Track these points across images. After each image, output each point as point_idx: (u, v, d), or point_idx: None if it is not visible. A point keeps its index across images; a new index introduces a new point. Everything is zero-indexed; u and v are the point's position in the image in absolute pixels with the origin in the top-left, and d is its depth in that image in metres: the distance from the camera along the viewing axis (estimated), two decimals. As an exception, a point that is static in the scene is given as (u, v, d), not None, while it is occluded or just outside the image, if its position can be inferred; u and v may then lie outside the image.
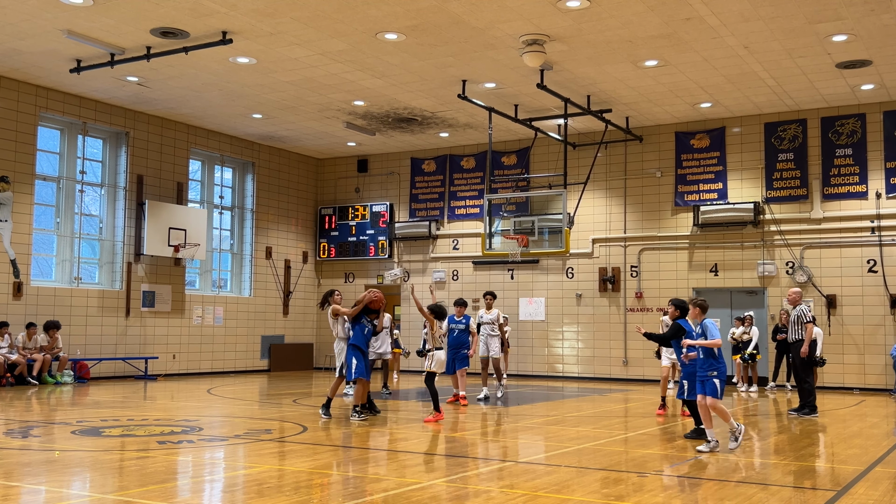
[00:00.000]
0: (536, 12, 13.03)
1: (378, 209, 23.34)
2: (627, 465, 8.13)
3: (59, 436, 9.70)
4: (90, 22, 13.76)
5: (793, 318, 12.73)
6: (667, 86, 16.88)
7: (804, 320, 12.54)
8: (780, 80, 16.44)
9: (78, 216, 18.58)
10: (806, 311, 12.64)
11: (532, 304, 21.18)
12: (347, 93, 17.59)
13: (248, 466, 7.89)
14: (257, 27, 13.86)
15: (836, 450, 9.60)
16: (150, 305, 19.58)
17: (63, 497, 6.42)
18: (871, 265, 17.86)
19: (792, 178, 18.69)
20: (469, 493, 6.66)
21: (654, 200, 20.11)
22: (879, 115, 17.94)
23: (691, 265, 19.59)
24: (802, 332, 12.55)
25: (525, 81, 16.48)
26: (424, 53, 15.05)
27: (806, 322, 12.52)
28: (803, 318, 12.55)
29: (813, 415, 12.43)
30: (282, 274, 23.22)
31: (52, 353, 17.07)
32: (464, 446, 9.43)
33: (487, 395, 14.32)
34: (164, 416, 11.75)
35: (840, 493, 6.81)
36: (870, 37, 13.98)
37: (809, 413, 12.43)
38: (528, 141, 21.03)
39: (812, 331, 12.54)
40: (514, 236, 17.87)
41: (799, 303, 12.82)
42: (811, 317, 12.66)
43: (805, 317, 12.55)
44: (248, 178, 22.71)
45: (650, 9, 12.86)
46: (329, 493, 6.62)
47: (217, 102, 18.60)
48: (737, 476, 7.57)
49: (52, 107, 17.78)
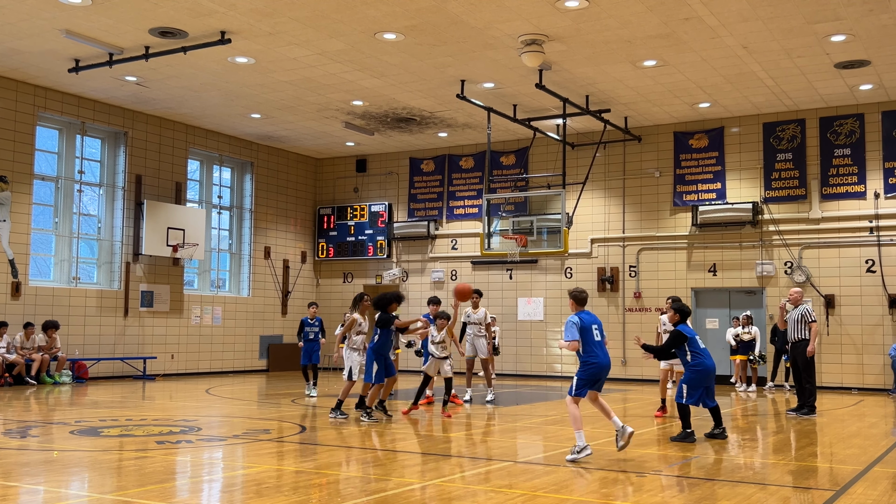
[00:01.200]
0: (535, 12, 13.03)
1: (377, 209, 23.34)
2: (626, 466, 8.12)
3: (58, 436, 9.69)
4: (89, 22, 13.75)
5: (795, 317, 12.70)
6: (665, 86, 16.88)
7: (808, 320, 12.57)
8: (779, 80, 16.45)
9: (76, 216, 18.56)
10: (810, 311, 12.69)
11: (531, 304, 21.18)
12: (346, 93, 17.58)
13: (247, 466, 7.88)
14: (256, 27, 13.86)
15: (834, 449, 9.60)
16: (149, 305, 19.57)
17: (61, 497, 6.41)
18: (869, 265, 17.87)
19: (790, 178, 18.70)
20: (468, 493, 6.66)
21: (652, 200, 20.11)
22: (878, 115, 17.95)
23: (690, 265, 19.59)
24: (804, 332, 12.56)
25: (524, 81, 16.48)
26: (423, 53, 15.05)
27: (810, 322, 12.55)
28: (807, 318, 12.58)
29: (811, 415, 12.43)
30: (280, 274, 23.22)
31: (51, 353, 17.06)
32: (462, 446, 9.42)
33: (471, 399, 14.00)
34: (162, 416, 11.74)
35: (839, 493, 6.81)
36: (868, 37, 13.99)
37: (808, 413, 12.43)
38: (526, 141, 21.03)
39: (816, 330, 12.59)
40: (512, 236, 17.87)
41: (801, 302, 12.85)
42: (814, 316, 12.71)
43: (809, 316, 12.59)
44: (247, 178, 22.70)
45: (649, 9, 12.86)
46: (328, 493, 6.61)
47: (216, 102, 18.59)
48: (735, 476, 7.57)
49: (50, 106, 17.77)
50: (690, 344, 9.80)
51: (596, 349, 8.51)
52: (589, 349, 8.42)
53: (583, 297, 8.78)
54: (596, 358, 8.47)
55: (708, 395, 9.77)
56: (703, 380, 9.73)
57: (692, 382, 9.73)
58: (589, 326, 8.55)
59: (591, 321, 8.60)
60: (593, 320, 8.64)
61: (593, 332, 8.55)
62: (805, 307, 12.73)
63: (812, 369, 12.67)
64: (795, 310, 12.76)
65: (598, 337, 8.57)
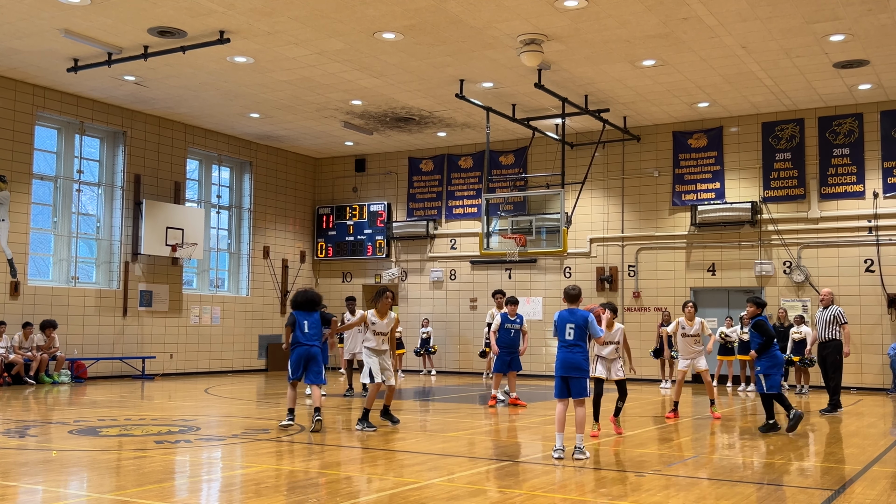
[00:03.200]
0: (534, 12, 13.03)
1: (376, 209, 23.33)
2: (626, 465, 8.13)
3: (57, 435, 9.68)
4: (88, 21, 13.74)
5: (827, 318, 13.01)
6: (664, 85, 16.89)
7: (840, 321, 12.89)
8: (778, 80, 16.45)
9: (75, 215, 18.55)
10: (842, 313, 13.00)
11: (530, 304, 21.17)
12: (345, 92, 17.58)
13: (246, 466, 7.88)
14: (255, 26, 13.85)
15: (833, 449, 9.61)
16: (148, 305, 19.56)
17: (60, 497, 6.41)
18: (868, 265, 17.88)
19: (789, 177, 18.71)
20: (467, 493, 6.66)
21: (651, 200, 20.11)
22: (877, 114, 17.96)
23: (689, 265, 19.60)
24: (835, 333, 12.91)
25: (523, 81, 16.48)
26: (422, 53, 15.04)
27: (843, 323, 12.89)
28: (840, 320, 12.90)
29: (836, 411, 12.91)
30: (279, 273, 23.21)
31: (49, 353, 17.05)
32: (462, 446, 9.42)
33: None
34: (161, 415, 11.74)
35: (837, 493, 6.81)
36: (867, 37, 14.00)
37: (832, 410, 12.87)
38: (525, 140, 21.03)
39: (848, 332, 12.96)
40: (511, 236, 17.87)
41: (831, 304, 13.13)
42: (846, 318, 13.03)
43: (841, 318, 12.91)
44: (246, 178, 22.69)
45: (648, 8, 12.86)
46: (327, 493, 6.61)
47: (214, 102, 18.58)
48: (735, 476, 7.57)
49: (49, 106, 17.75)
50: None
51: (559, 347, 8.46)
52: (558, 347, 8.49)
53: (571, 293, 8.66)
54: (558, 357, 8.48)
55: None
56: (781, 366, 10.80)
57: (768, 371, 10.61)
58: (563, 325, 8.46)
59: (567, 320, 8.47)
60: (570, 319, 8.46)
61: (566, 330, 8.43)
62: (837, 308, 13.05)
63: (840, 369, 13.00)
64: (826, 311, 13.07)
65: (572, 336, 8.39)
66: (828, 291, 13.31)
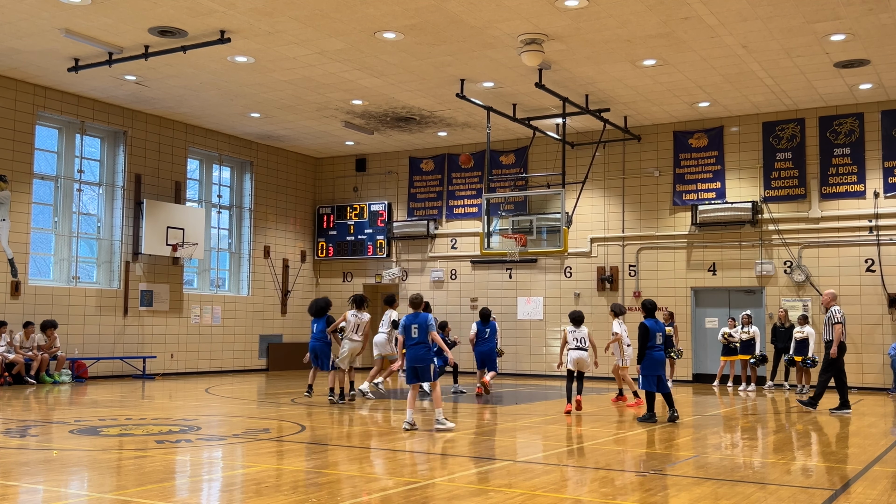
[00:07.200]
0: (535, 11, 13.03)
1: (376, 208, 23.34)
2: (626, 465, 8.13)
3: (57, 435, 9.69)
4: (88, 21, 13.75)
5: (825, 319, 13.15)
6: (665, 85, 16.88)
7: (833, 321, 12.91)
8: (779, 80, 16.45)
9: (76, 215, 18.56)
10: (834, 312, 13.01)
11: (530, 304, 21.18)
12: (346, 92, 17.58)
13: (247, 466, 7.88)
14: (255, 26, 13.85)
15: (834, 448, 9.61)
16: (148, 305, 19.56)
17: (61, 496, 6.41)
18: (868, 264, 17.88)
19: (790, 177, 18.70)
20: (468, 493, 6.66)
21: (652, 200, 20.11)
22: (877, 114, 17.95)
23: (689, 264, 19.59)
24: (830, 333, 12.96)
25: (523, 81, 16.48)
26: (423, 53, 15.04)
27: (834, 323, 12.90)
28: (833, 319, 12.92)
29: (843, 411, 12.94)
30: (280, 273, 23.22)
31: (50, 353, 17.06)
32: (462, 445, 9.42)
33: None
34: (162, 415, 11.74)
35: (838, 493, 6.81)
36: (868, 36, 13.99)
37: (840, 409, 12.92)
38: (526, 140, 21.03)
39: (839, 332, 12.90)
40: (512, 235, 17.86)
41: (832, 305, 13.15)
42: (840, 318, 13.00)
43: (834, 317, 12.93)
44: (247, 178, 22.70)
45: (648, 8, 12.86)
46: (328, 493, 6.61)
47: (215, 101, 18.58)
48: (735, 475, 7.57)
49: (49, 106, 17.76)
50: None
51: (406, 346, 10.43)
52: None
53: (415, 301, 10.42)
54: (407, 354, 10.48)
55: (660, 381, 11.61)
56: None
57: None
58: (409, 326, 10.27)
59: (412, 322, 10.26)
60: (414, 321, 10.25)
61: (412, 329, 10.25)
62: (833, 308, 13.07)
63: (832, 368, 12.96)
64: (827, 312, 13.18)
65: (416, 334, 10.22)
66: (830, 292, 13.35)
